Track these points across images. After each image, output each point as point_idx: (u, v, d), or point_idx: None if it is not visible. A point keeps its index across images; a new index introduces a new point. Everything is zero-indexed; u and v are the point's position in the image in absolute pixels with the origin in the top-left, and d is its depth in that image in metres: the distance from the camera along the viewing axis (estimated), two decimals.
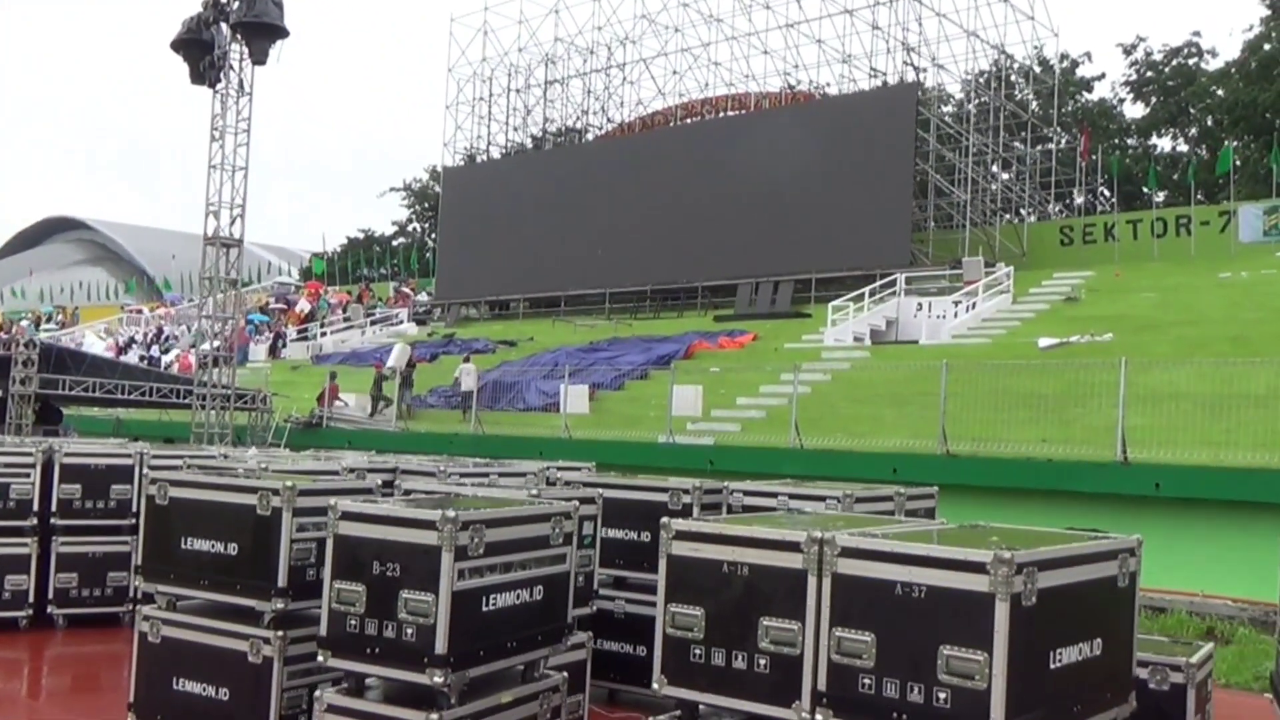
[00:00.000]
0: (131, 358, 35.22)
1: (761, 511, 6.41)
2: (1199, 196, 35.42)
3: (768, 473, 16.42)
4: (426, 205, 60.97)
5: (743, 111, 37.92)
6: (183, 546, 5.51)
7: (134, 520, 8.85)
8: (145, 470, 6.15)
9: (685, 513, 6.60)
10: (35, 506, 8.60)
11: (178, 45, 17.37)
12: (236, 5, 16.97)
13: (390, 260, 55.62)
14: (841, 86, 36.52)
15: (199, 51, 17.11)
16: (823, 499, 6.33)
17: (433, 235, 58.88)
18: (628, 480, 6.95)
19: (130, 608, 8.91)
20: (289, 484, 5.25)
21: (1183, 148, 45.23)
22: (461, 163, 44.44)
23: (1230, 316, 22.53)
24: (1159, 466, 14.89)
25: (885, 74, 34.13)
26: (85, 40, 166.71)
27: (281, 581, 5.21)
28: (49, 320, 49.52)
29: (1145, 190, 41.00)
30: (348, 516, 4.36)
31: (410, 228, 62.74)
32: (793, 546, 3.70)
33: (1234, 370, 17.26)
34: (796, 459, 17.71)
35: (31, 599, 8.60)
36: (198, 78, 17.21)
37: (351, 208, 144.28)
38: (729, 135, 35.38)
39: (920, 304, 28.50)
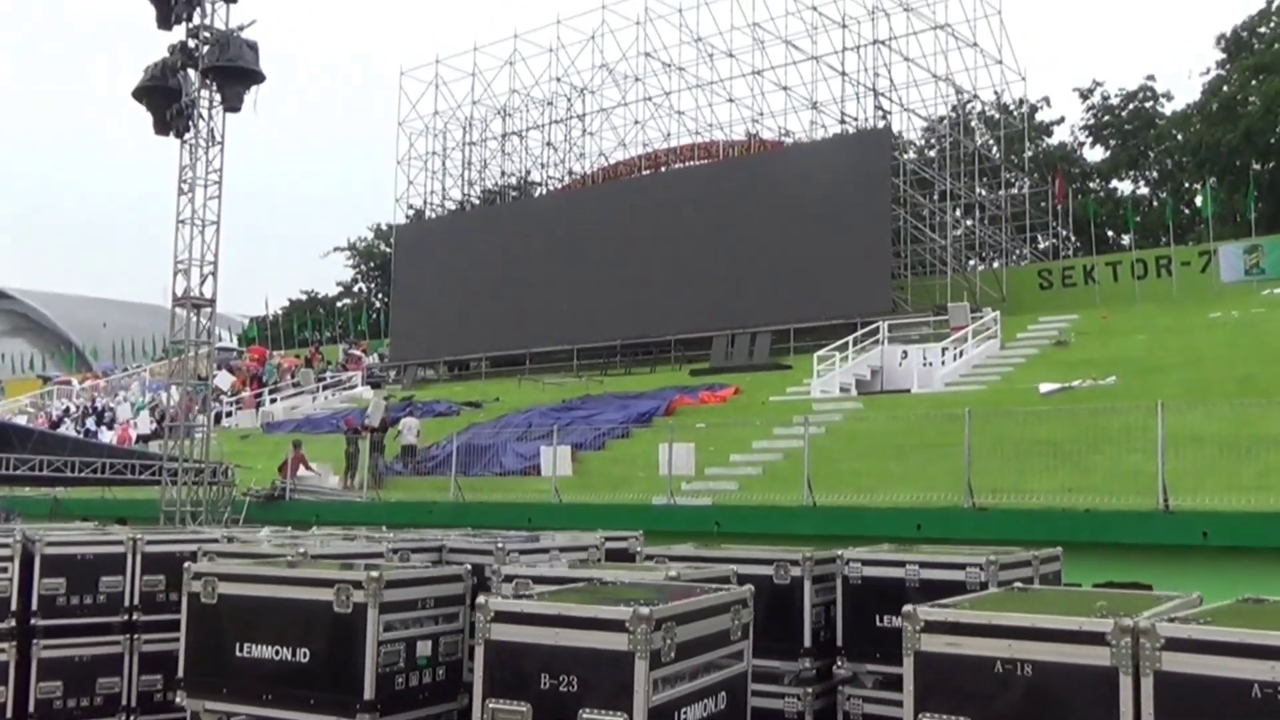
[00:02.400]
0: (69, 432, 33.69)
1: (885, 584, 5.77)
2: (1164, 239, 35.94)
3: (780, 534, 15.81)
4: (373, 264, 60.08)
5: (709, 160, 37.73)
6: (238, 654, 4.69)
7: (126, 618, 7.95)
8: (187, 565, 5.29)
9: (795, 588, 5.92)
10: (13, 605, 7.63)
11: (140, 93, 16.54)
12: (207, 50, 16.22)
13: (336, 322, 54.49)
14: (811, 133, 36.53)
15: (164, 100, 16.30)
16: (961, 567, 5.67)
17: (380, 295, 57.98)
18: (731, 552, 6.26)
19: (125, 718, 7.96)
20: (374, 574, 4.46)
21: (1144, 190, 46.06)
22: (416, 219, 43.72)
23: (1230, 357, 22.41)
24: (1204, 514, 14.43)
25: (856, 120, 34.20)
26: None
27: (368, 693, 4.41)
28: None
29: (1110, 233, 41.61)
30: (504, 618, 3.56)
31: (356, 288, 61.72)
32: (1095, 639, 3.01)
33: (1255, 412, 16.99)
34: (810, 518, 17.04)
35: (9, 713, 7.60)
36: (162, 127, 16.38)
37: (291, 269, 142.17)
38: (696, 184, 35.15)
39: (905, 351, 28.17)
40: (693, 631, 3.68)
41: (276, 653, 4.59)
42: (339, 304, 60.30)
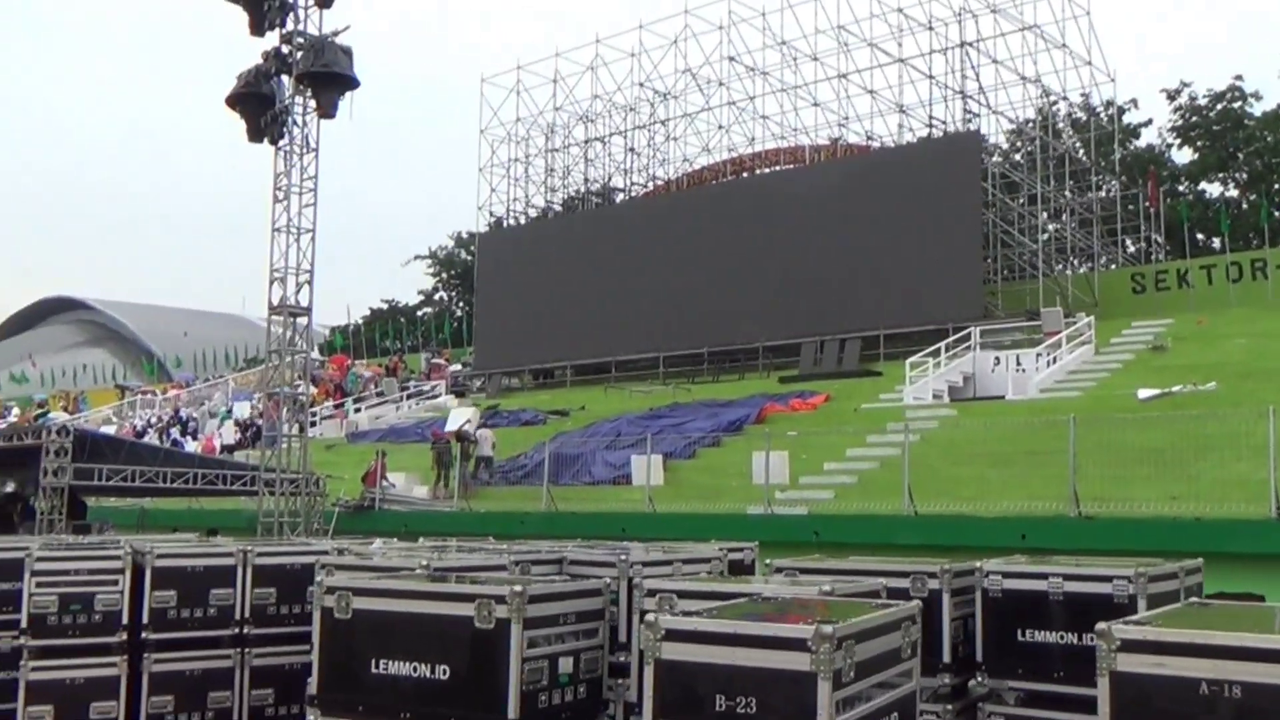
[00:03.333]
0: (153, 443, 34.31)
1: (1026, 597, 5.50)
2: (1255, 241, 34.90)
3: (881, 544, 15.42)
4: (454, 272, 60.57)
5: (795, 165, 37.34)
6: (374, 670, 4.51)
7: (237, 631, 7.88)
8: (319, 580, 5.15)
9: (933, 601, 5.65)
10: (125, 619, 7.59)
11: (234, 100, 16.63)
12: (301, 55, 16.28)
13: (417, 331, 55.02)
14: (897, 137, 35.99)
15: (258, 107, 16.39)
16: (1108, 579, 5.38)
17: (460, 304, 58.44)
18: (860, 564, 6.00)
19: None
20: (517, 589, 4.25)
21: (1233, 192, 44.73)
22: (497, 226, 43.96)
23: None
24: None
25: (944, 123, 33.63)
26: (72, 108, 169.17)
27: (512, 712, 4.21)
28: (40, 406, 48.70)
29: (1200, 236, 40.39)
30: (675, 636, 3.34)
31: (437, 296, 62.29)
32: None
33: None
34: (911, 527, 16.63)
35: None
36: (256, 134, 16.46)
37: (371, 277, 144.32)
38: (781, 189, 34.82)
39: (997, 358, 27.55)
40: (870, 650, 3.49)
41: (415, 669, 4.40)
42: (419, 313, 60.89)
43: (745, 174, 39.27)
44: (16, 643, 7.59)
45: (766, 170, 39.06)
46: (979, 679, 5.68)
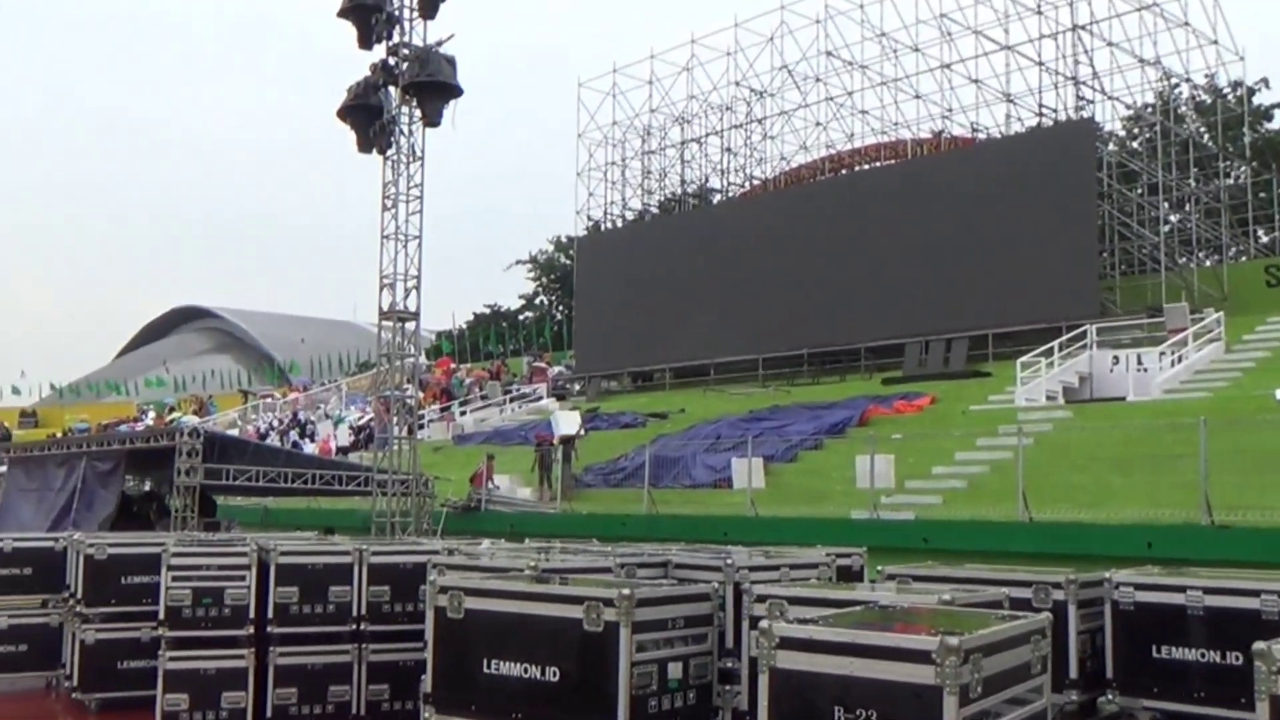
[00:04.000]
0: (275, 444, 35.45)
1: (1162, 611, 5.34)
2: None
3: (994, 551, 15.13)
4: (553, 276, 61.20)
5: (896, 160, 36.87)
6: (485, 670, 4.68)
7: (355, 627, 8.19)
8: (430, 575, 5.37)
9: (1057, 613, 5.55)
10: (251, 613, 7.97)
11: (345, 113, 17.13)
12: (407, 66, 16.71)
13: (519, 334, 55.74)
14: (1005, 127, 35.23)
15: (366, 118, 16.87)
16: (1255, 594, 5.18)
17: (560, 307, 59.02)
18: (976, 572, 5.93)
19: None
20: (625, 592, 4.38)
21: None
22: (594, 230, 44.33)
23: None
24: None
25: (1055, 111, 32.79)
26: (195, 123, 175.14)
27: (621, 716, 4.32)
28: (170, 411, 50.58)
29: None
30: (790, 644, 3.39)
31: (538, 300, 63.01)
32: None
33: None
34: (1026, 534, 16.28)
35: (249, 717, 7.93)
36: (365, 145, 16.95)
37: (474, 282, 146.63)
38: (883, 185, 34.40)
39: (1116, 357, 26.81)
40: (998, 664, 3.43)
41: (525, 670, 4.56)
42: (521, 317, 61.68)
43: (844, 171, 38.92)
44: (155, 633, 8.02)
45: (866, 166, 38.65)
46: (1109, 696, 5.51)
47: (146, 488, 21.34)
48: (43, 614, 10.63)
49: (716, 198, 43.32)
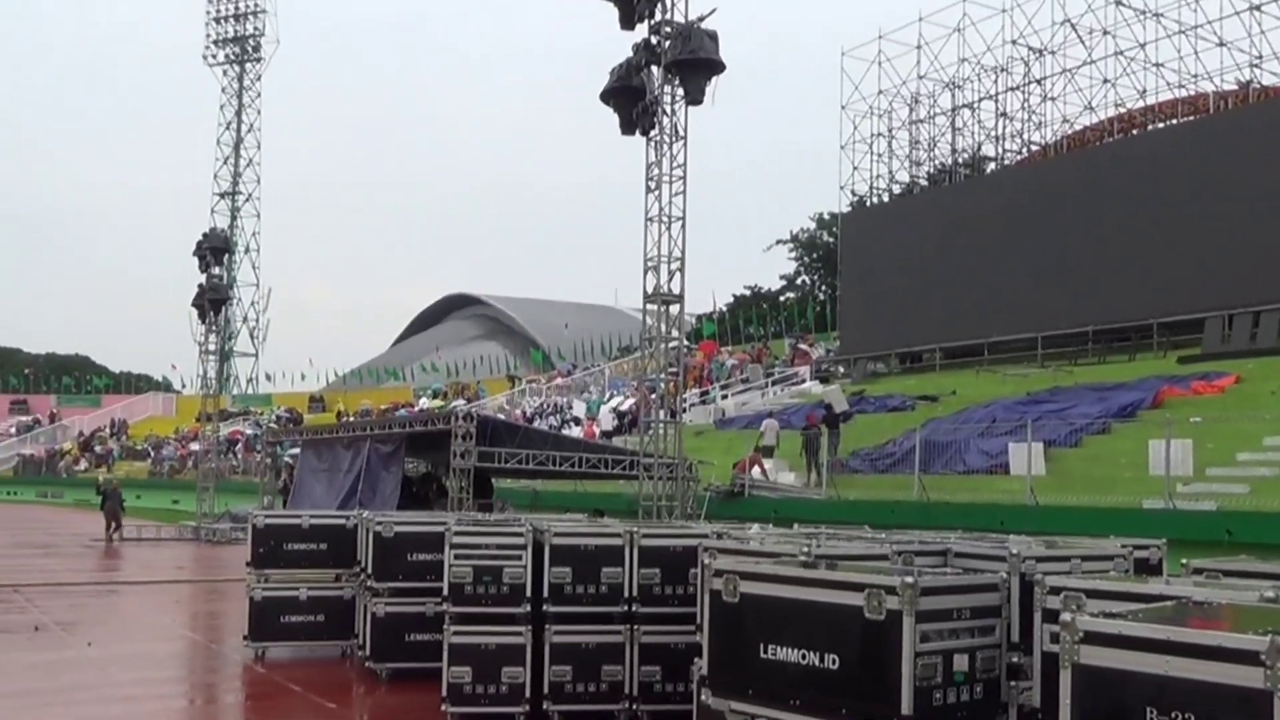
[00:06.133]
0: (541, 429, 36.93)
1: None
2: None
3: None
4: (815, 255, 60.71)
5: (1196, 116, 34.29)
6: (762, 655, 4.71)
7: (626, 608, 8.43)
8: (703, 558, 5.48)
9: None
10: (528, 592, 8.35)
11: (607, 95, 17.56)
12: (669, 44, 16.93)
13: (780, 316, 55.65)
14: None
15: (629, 99, 17.23)
16: None
17: (823, 287, 58.49)
18: None
19: (627, 706, 8.47)
20: (908, 580, 4.30)
21: None
22: (859, 205, 43.63)
23: None
24: None
25: None
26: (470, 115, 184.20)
27: (906, 708, 4.25)
28: (436, 397, 53.46)
29: None
30: (1096, 639, 3.23)
31: (799, 280, 62.70)
32: None
33: None
34: None
35: (528, 693, 8.33)
36: (628, 127, 17.31)
37: (734, 264, 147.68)
38: (1179, 145, 32.09)
39: None
40: None
41: (803, 657, 4.56)
42: (782, 298, 61.54)
43: (1135, 131, 36.53)
44: (439, 608, 8.55)
45: (1160, 125, 36.14)
46: None
47: (425, 470, 22.74)
48: (337, 587, 11.55)
49: (990, 166, 41.67)
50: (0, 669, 11.17)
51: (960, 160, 42.20)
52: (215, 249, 33.67)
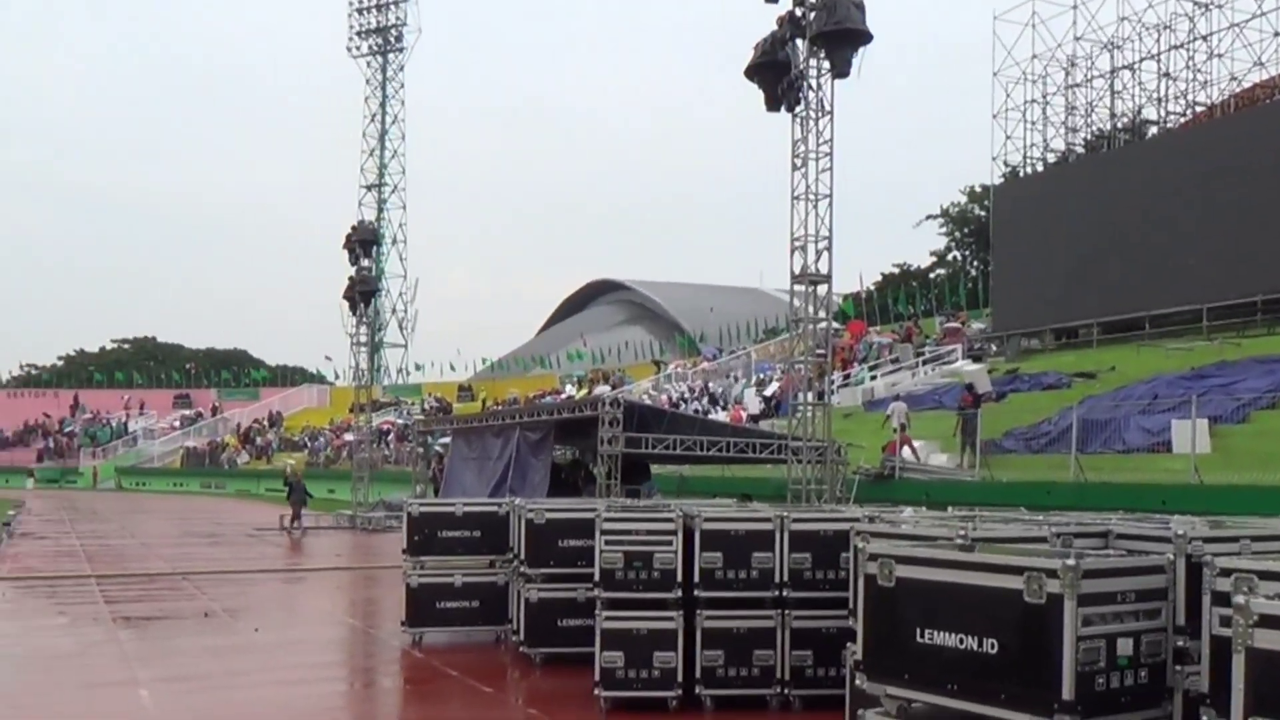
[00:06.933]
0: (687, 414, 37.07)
1: None
2: None
3: None
4: (967, 230, 59.37)
5: None
6: (918, 640, 4.70)
7: (777, 594, 8.48)
8: (855, 542, 5.51)
9: None
10: (679, 577, 8.47)
11: (752, 71, 17.42)
12: (815, 15, 16.72)
13: (930, 294, 54.62)
14: None
15: (774, 75, 17.08)
16: None
17: (975, 262, 57.17)
18: None
19: (779, 691, 8.52)
20: (1069, 563, 4.24)
21: None
22: (1012, 176, 42.46)
23: None
24: None
25: None
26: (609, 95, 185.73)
27: (1067, 693, 4.20)
28: (583, 385, 54.09)
29: None
30: (1272, 623, 3.14)
31: (950, 256, 61.42)
32: None
33: None
34: None
35: (679, 677, 8.46)
36: (774, 103, 17.16)
37: (881, 241, 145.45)
38: None
39: None
40: None
41: (960, 641, 4.53)
42: (932, 275, 60.41)
43: None
44: (591, 594, 8.74)
45: None
46: None
47: (572, 456, 23.12)
48: (490, 573, 11.88)
49: (1152, 130, 40.03)
50: (176, 653, 11.84)
51: (1119, 125, 40.66)
52: (364, 241, 34.79)
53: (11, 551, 23.20)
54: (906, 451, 25.23)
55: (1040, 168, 41.32)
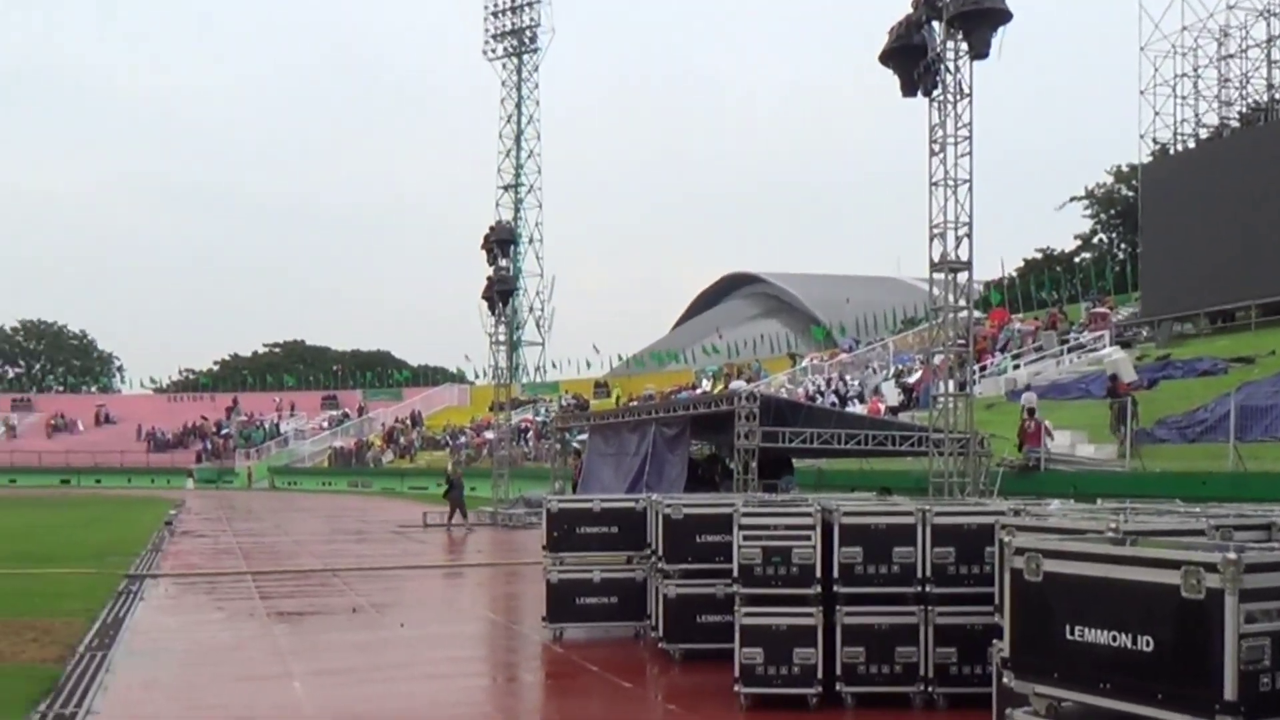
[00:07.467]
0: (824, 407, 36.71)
1: None
2: None
3: None
4: (1114, 212, 57.35)
5: None
6: (1068, 636, 4.53)
7: (919, 589, 8.32)
8: (1001, 536, 5.36)
9: None
10: (818, 572, 8.39)
11: (887, 57, 17.11)
12: None
13: (1076, 278, 52.92)
14: None
15: (910, 59, 16.75)
16: None
17: (1123, 245, 55.19)
18: None
19: (922, 688, 8.37)
20: (1230, 556, 4.04)
21: None
22: (1161, 154, 40.84)
23: None
24: None
25: None
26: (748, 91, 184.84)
27: (1229, 693, 4.00)
28: (716, 381, 53.89)
29: None
30: None
31: (1096, 239, 59.42)
32: None
33: None
34: None
35: (819, 674, 8.37)
36: (910, 88, 16.80)
37: (1023, 226, 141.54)
38: None
39: None
40: None
41: (1113, 638, 4.36)
42: (1077, 259, 58.52)
43: None
44: (729, 590, 8.72)
45: None
46: None
47: (708, 451, 23.12)
48: (628, 569, 11.93)
49: None
50: (326, 647, 12.22)
51: (1278, 96, 38.72)
52: (501, 241, 35.39)
53: (174, 549, 24.29)
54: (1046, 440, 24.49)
55: (1192, 144, 39.65)
